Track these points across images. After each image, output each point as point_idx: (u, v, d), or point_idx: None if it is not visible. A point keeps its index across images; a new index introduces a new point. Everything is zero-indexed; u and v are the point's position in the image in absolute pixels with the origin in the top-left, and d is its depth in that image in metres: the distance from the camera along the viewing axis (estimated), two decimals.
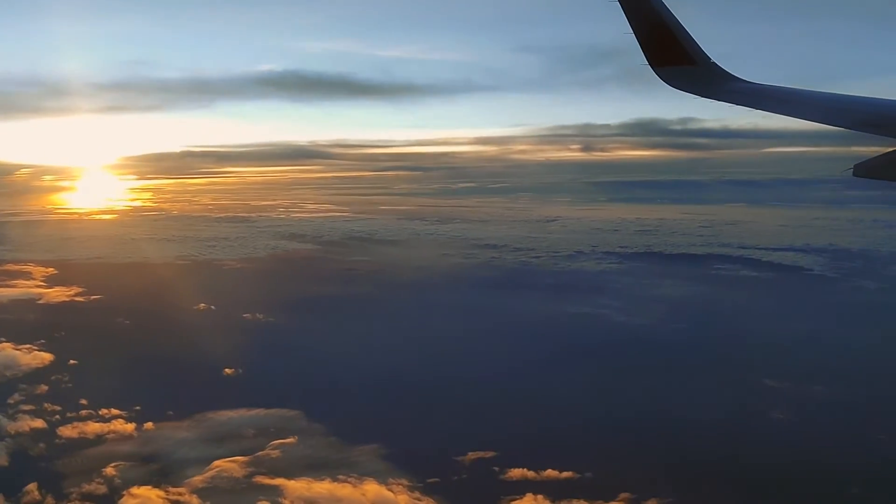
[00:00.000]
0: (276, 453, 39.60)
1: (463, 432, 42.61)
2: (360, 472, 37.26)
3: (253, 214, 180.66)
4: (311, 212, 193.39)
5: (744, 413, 46.96)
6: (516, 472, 38.02)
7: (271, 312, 73.60)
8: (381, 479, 36.66)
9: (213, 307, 76.80)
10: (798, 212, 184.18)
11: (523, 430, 43.20)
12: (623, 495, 35.60)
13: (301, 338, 64.97)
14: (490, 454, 39.87)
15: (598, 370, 55.47)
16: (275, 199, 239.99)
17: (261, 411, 45.06)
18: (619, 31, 11.51)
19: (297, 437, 41.54)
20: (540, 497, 35.53)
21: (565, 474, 37.79)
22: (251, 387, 50.40)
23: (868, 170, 9.28)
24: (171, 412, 45.30)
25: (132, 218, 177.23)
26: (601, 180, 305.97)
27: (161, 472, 37.96)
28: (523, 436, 42.35)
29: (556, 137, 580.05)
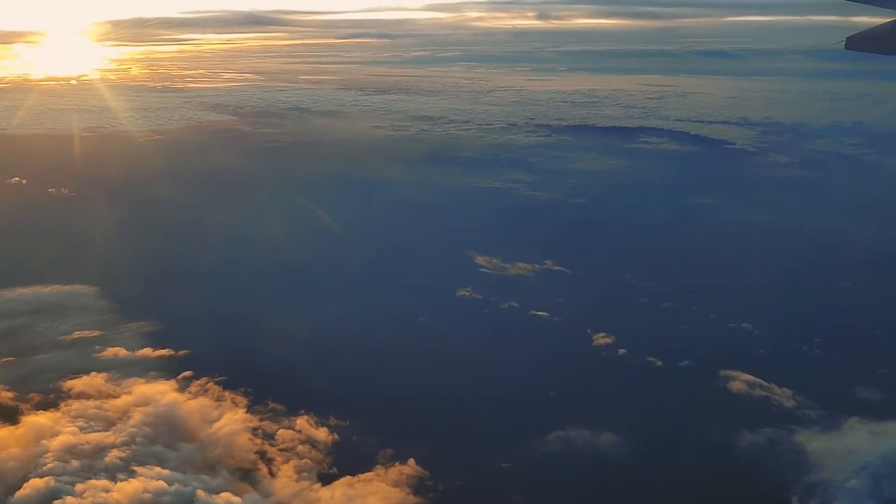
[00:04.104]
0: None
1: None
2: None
3: (190, 84, 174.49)
4: (245, 81, 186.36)
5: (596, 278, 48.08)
6: None
7: (77, 188, 72.10)
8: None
9: (24, 181, 75.75)
10: (755, 84, 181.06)
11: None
12: None
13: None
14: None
15: (464, 246, 54.08)
16: (218, 69, 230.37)
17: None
18: None
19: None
20: None
21: None
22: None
23: (862, 42, 8.58)
24: None
25: (65, 87, 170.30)
26: (567, 50, 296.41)
27: None
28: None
29: (511, 4, 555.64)
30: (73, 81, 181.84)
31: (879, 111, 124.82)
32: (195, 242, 56.22)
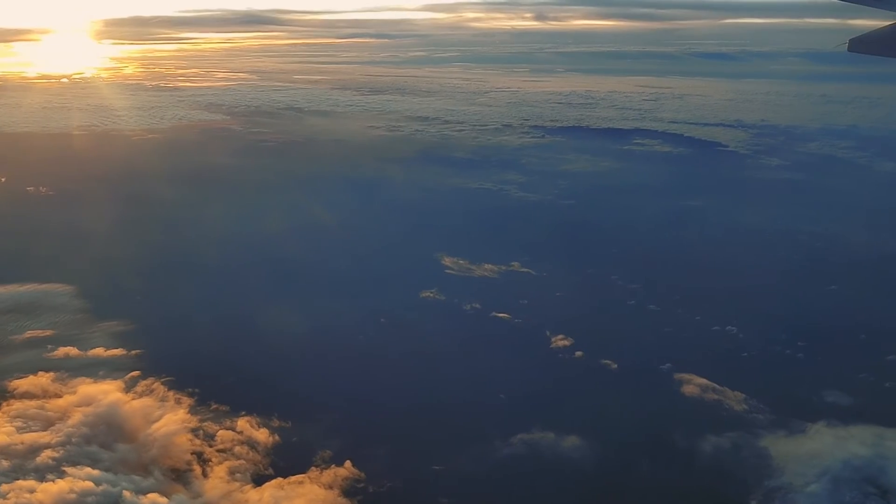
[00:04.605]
0: None
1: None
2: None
3: (186, 83, 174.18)
4: (241, 81, 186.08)
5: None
6: None
7: (57, 187, 71.68)
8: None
9: (2, 179, 75.61)
10: (752, 86, 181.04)
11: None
12: None
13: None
14: None
15: (435, 247, 53.46)
16: (215, 68, 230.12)
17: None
18: None
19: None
20: None
21: None
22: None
23: (865, 45, 8.45)
24: None
25: (61, 85, 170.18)
26: (566, 51, 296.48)
27: None
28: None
29: (507, 5, 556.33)
30: (65, 80, 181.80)
31: (874, 114, 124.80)
32: (176, 241, 56.10)
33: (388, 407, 32.05)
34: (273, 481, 26.45)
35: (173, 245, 55.18)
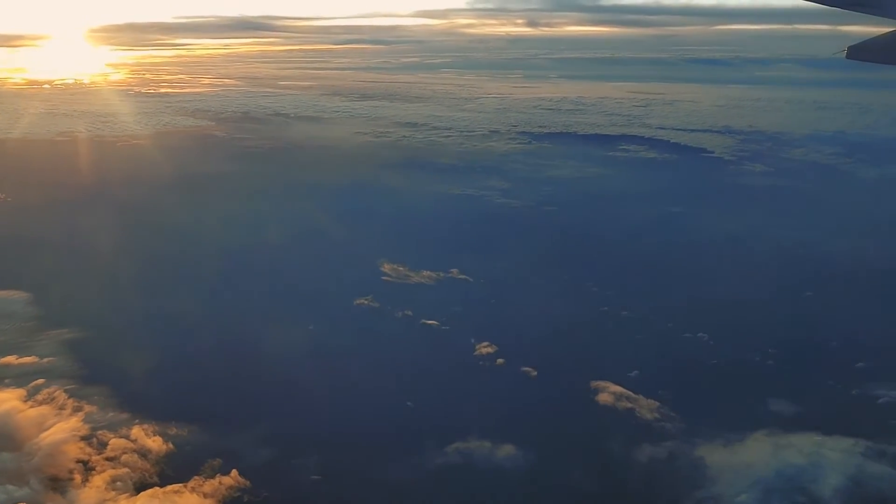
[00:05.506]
0: None
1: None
2: None
3: (175, 89, 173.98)
4: (228, 87, 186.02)
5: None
6: None
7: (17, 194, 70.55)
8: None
9: None
10: (744, 92, 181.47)
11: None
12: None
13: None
14: None
15: (379, 254, 52.63)
16: (210, 74, 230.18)
17: None
18: None
19: None
20: None
21: None
22: None
23: (864, 52, 8.28)
24: None
25: (50, 91, 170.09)
26: (560, 57, 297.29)
27: None
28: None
29: (498, 11, 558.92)
30: (49, 86, 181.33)
31: (863, 121, 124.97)
32: (140, 248, 55.25)
33: (313, 417, 31.39)
34: (149, 490, 26.05)
35: (136, 252, 54.28)
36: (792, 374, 36.00)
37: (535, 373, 36.04)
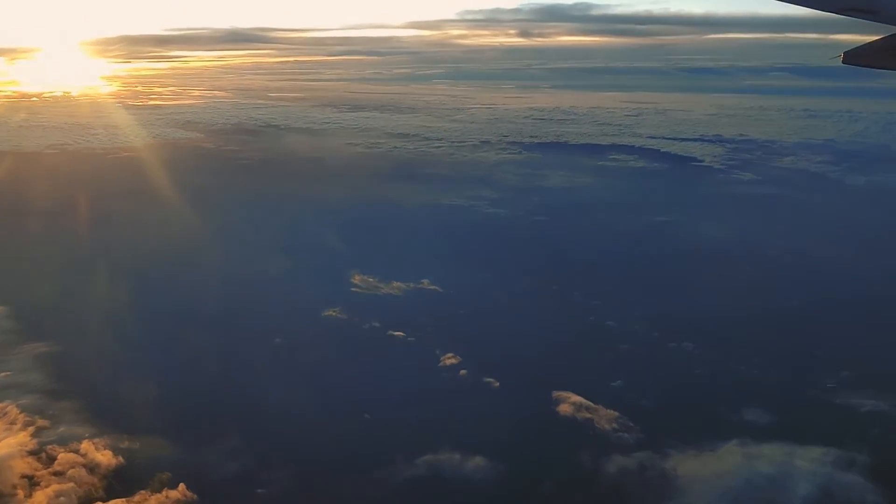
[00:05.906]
0: None
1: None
2: None
3: (167, 101, 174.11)
4: (220, 99, 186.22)
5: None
6: None
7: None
8: None
9: None
10: (736, 100, 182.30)
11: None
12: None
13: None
14: None
15: (351, 265, 52.35)
16: (203, 86, 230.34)
17: None
18: None
19: None
20: None
21: None
22: None
23: (860, 57, 8.18)
24: None
25: (42, 103, 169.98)
26: (555, 67, 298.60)
27: None
28: None
29: (490, 22, 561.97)
30: (36, 98, 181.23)
31: (853, 128, 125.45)
32: (123, 261, 54.30)
33: (281, 430, 30.94)
34: None
35: (116, 265, 53.44)
36: (775, 384, 35.79)
37: (497, 384, 35.64)
